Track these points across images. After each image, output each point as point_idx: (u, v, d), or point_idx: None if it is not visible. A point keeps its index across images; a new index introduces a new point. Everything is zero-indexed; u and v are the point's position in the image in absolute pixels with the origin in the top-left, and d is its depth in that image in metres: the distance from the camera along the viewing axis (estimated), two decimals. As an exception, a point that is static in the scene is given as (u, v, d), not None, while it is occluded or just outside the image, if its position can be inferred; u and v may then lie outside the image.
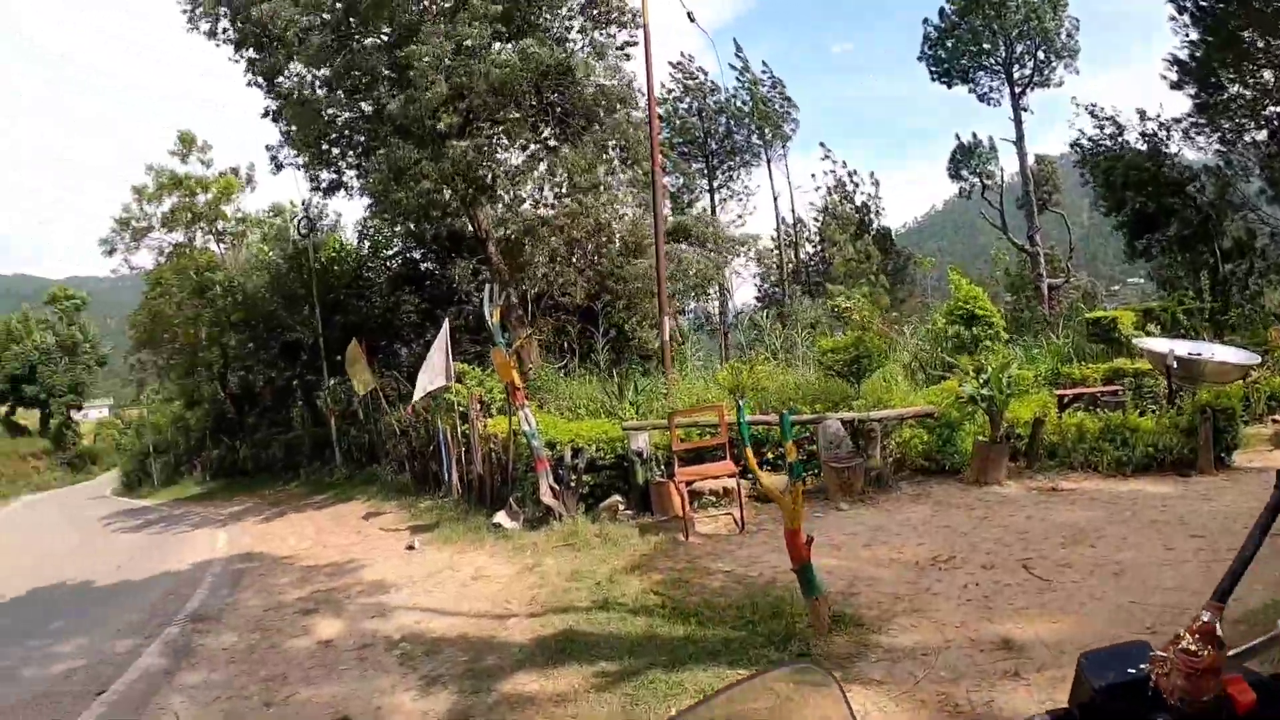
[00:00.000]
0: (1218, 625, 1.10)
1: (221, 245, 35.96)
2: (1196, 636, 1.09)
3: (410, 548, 11.49)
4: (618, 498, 10.93)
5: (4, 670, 8.61)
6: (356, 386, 20.30)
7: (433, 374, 14.18)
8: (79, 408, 65.83)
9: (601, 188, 21.11)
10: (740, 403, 8.21)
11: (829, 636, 5.74)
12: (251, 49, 21.38)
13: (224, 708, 6.32)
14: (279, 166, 23.67)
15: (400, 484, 18.03)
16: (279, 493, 24.53)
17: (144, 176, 35.26)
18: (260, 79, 21.87)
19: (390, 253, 29.50)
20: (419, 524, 13.49)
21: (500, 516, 11.39)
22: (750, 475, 10.63)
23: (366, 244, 29.95)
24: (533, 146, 21.39)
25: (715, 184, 46.78)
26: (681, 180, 44.71)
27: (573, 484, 10.91)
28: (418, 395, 14.83)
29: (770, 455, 11.25)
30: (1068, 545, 7.33)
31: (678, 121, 45.38)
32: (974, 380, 10.63)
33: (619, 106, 20.87)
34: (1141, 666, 1.11)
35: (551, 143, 21.23)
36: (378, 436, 21.62)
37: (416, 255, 27.84)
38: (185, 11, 21.81)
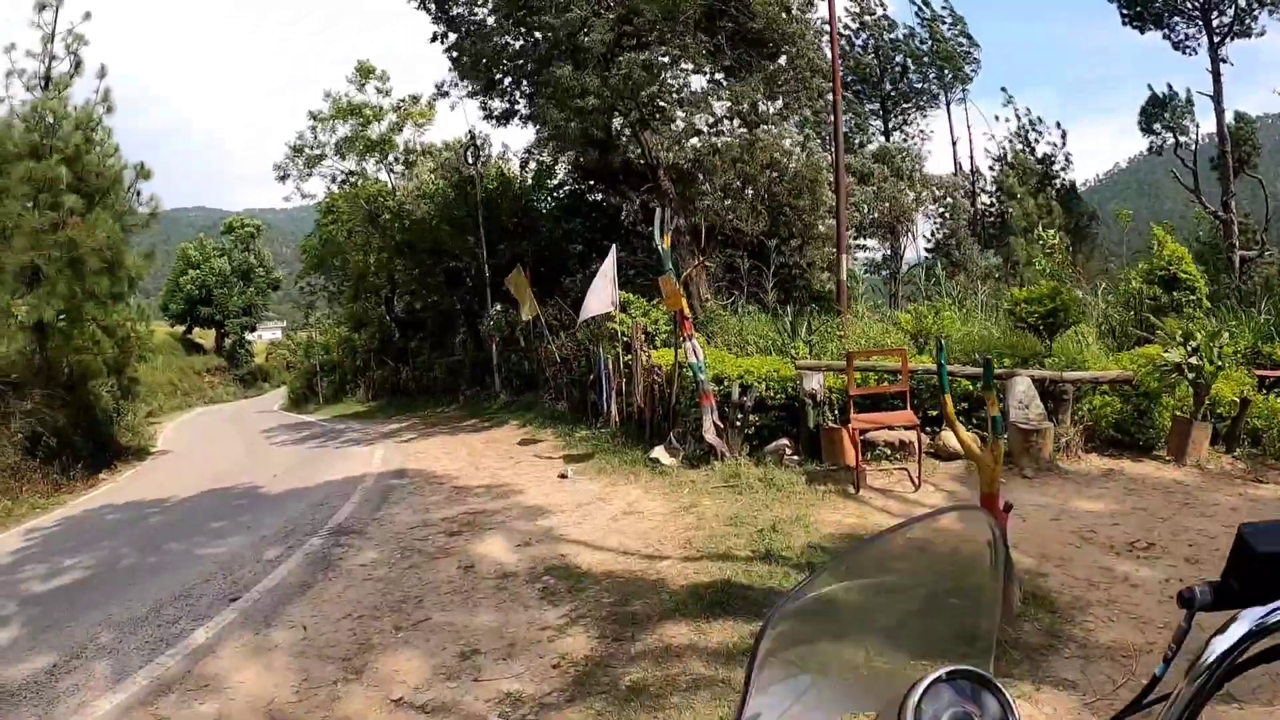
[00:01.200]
0: None
1: (393, 174, 36.24)
2: None
3: (562, 476, 11.00)
4: (785, 441, 10.05)
5: (160, 565, 8.70)
6: (523, 312, 19.99)
7: (597, 300, 13.63)
8: (252, 329, 70.52)
9: (775, 120, 20.11)
10: (942, 342, 7.20)
11: (1018, 621, 4.86)
12: None
13: (352, 627, 5.92)
14: (443, 94, 23.56)
15: (558, 412, 17.70)
16: (437, 414, 24.74)
17: (321, 103, 35.39)
18: (429, 4, 21.69)
19: (555, 182, 29.23)
20: (573, 453, 13.01)
21: (658, 451, 10.73)
22: (932, 428, 9.70)
23: (530, 175, 29.79)
24: (706, 71, 20.42)
25: (889, 126, 44.52)
26: (854, 121, 42.75)
27: (738, 423, 10.11)
28: (582, 318, 14.34)
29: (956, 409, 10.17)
30: (1281, 548, 6.10)
31: (852, 61, 43.19)
32: (1182, 348, 9.31)
33: (796, 27, 19.73)
34: None
35: (723, 70, 20.25)
36: (538, 364, 21.35)
37: (583, 186, 27.34)
38: None
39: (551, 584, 6.42)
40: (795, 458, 9.82)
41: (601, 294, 13.56)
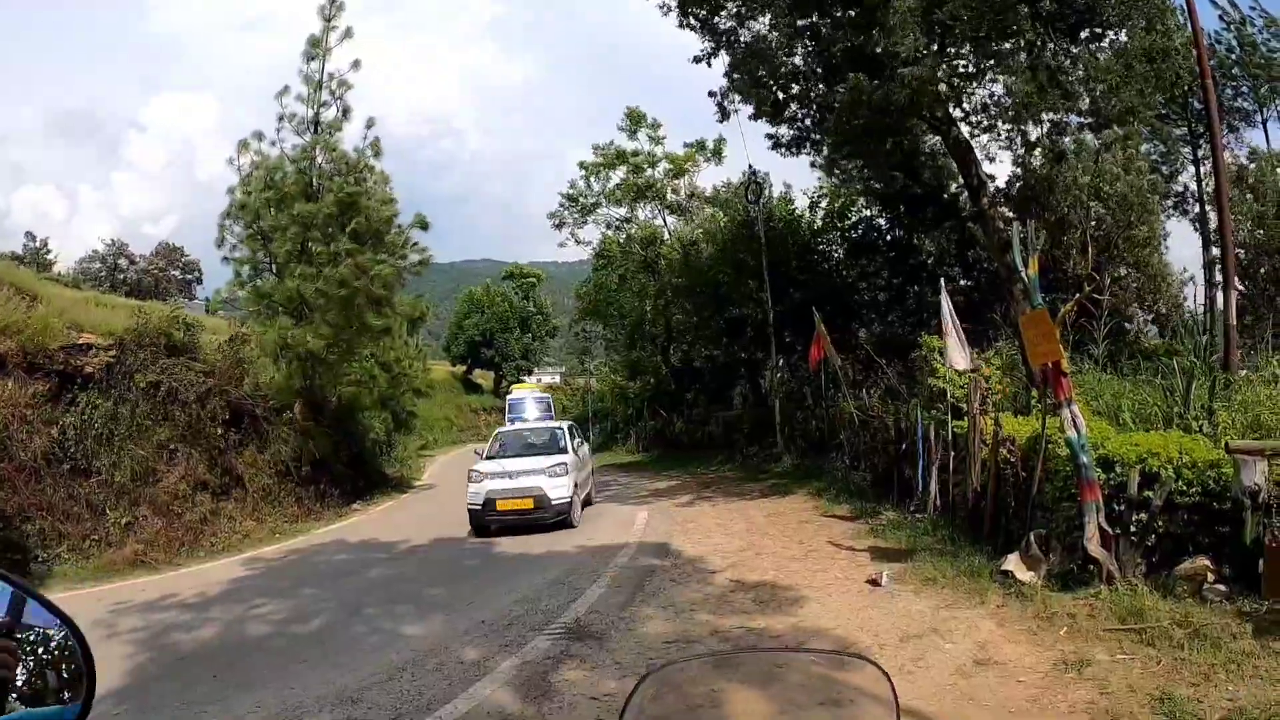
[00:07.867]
0: None
1: (670, 219, 35.73)
2: None
3: (873, 582, 8.26)
4: (1205, 561, 6.87)
5: (346, 640, 7.78)
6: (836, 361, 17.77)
7: (959, 355, 11.25)
8: (530, 372, 74.47)
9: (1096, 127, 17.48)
10: None
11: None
12: None
13: None
14: (725, 115, 21.23)
15: (855, 485, 15.05)
16: (711, 474, 22.95)
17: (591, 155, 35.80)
18: (694, 22, 19.72)
19: (849, 222, 26.97)
20: (883, 546, 10.19)
21: (1011, 561, 7.67)
22: None
23: (819, 212, 27.89)
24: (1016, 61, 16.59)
25: (1199, 154, 38.63)
26: (1163, 148, 37.47)
27: (1133, 529, 7.09)
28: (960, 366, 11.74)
29: None
30: None
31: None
32: None
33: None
34: None
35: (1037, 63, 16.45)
36: (829, 424, 19.12)
37: (880, 220, 24.84)
38: None
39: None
40: (1220, 588, 6.66)
41: (957, 349, 11.13)
